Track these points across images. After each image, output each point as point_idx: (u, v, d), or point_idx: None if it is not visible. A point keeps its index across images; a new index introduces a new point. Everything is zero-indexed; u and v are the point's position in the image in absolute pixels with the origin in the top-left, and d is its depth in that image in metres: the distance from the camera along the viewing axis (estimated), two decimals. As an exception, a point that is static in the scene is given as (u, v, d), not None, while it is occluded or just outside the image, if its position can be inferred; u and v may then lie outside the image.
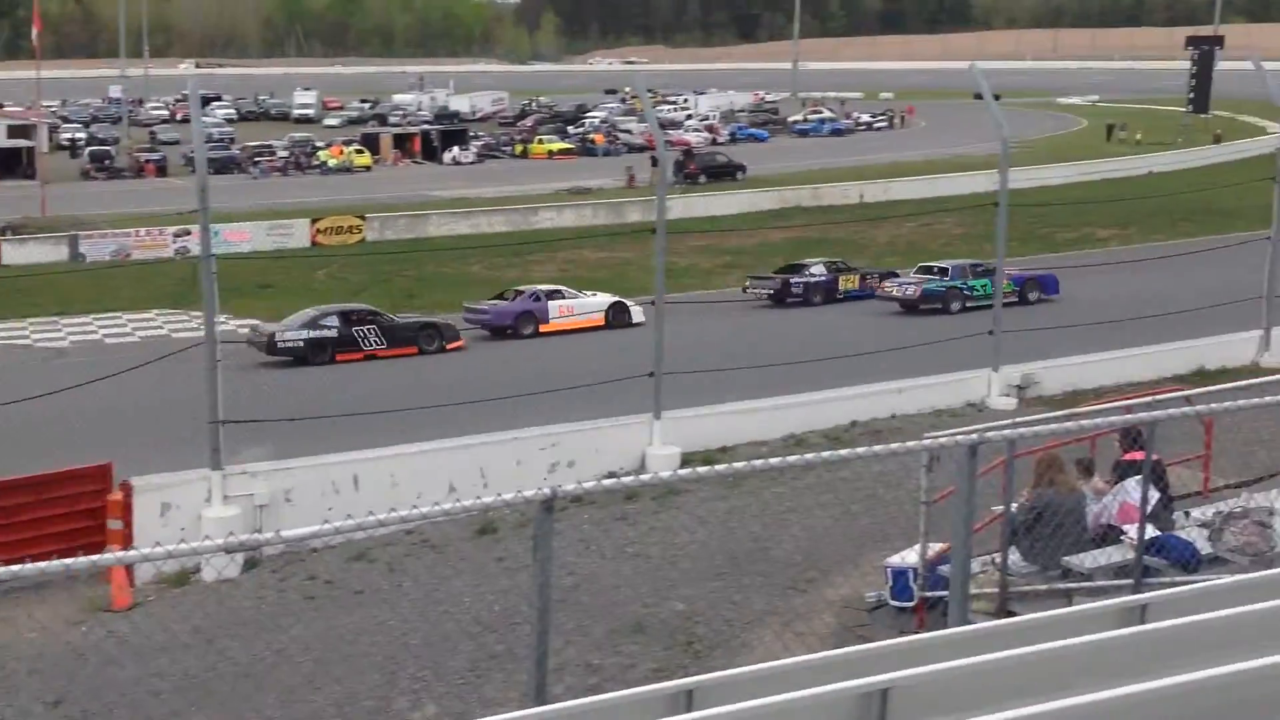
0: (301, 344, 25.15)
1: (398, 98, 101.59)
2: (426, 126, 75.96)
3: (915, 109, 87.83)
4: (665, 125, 77.61)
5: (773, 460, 5.96)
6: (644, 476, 5.69)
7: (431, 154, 68.38)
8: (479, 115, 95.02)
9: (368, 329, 25.59)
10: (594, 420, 16.77)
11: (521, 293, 28.19)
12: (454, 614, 11.13)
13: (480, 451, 15.48)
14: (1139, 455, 8.84)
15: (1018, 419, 12.00)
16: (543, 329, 27.26)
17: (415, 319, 26.94)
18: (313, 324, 25.54)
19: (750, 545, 12.03)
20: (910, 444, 6.83)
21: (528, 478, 14.68)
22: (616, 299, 27.72)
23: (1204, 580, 6.53)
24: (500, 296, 28.37)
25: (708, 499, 13.58)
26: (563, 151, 70.24)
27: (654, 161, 49.77)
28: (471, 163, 66.58)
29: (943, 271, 28.38)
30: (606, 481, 5.90)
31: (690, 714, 4.08)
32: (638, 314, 26.57)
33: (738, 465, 5.84)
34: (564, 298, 28.00)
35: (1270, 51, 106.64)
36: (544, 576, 5.40)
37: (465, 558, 12.71)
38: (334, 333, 25.42)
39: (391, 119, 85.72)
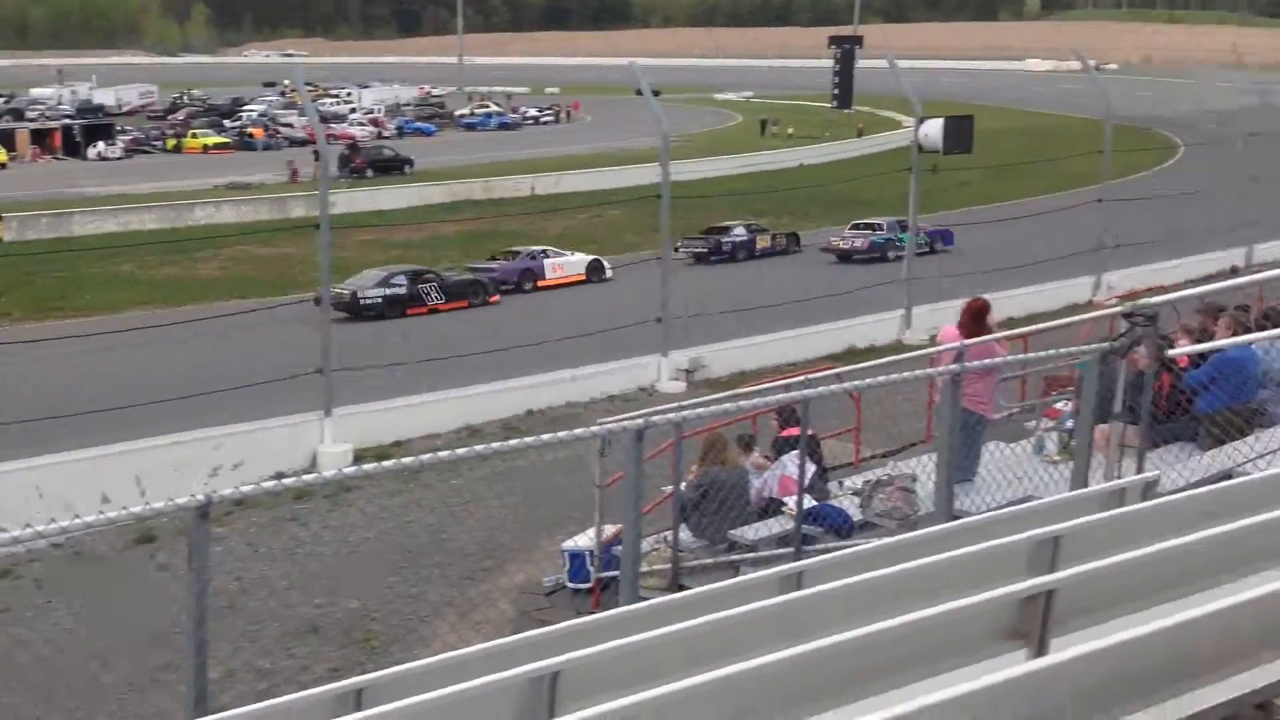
0: (380, 300, 27.34)
1: (35, 91, 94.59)
2: (68, 121, 71.12)
3: (581, 104, 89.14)
4: (329, 119, 75.61)
5: (447, 453, 5.85)
6: (308, 475, 5.45)
7: (74, 150, 64.02)
8: (126, 109, 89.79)
9: (430, 286, 28.34)
10: (260, 420, 16.13)
11: (519, 253, 31.43)
12: (112, 628, 10.46)
13: (137, 458, 14.60)
14: (795, 431, 9.21)
15: (684, 402, 12.33)
16: (540, 284, 30.33)
17: (463, 277, 29.58)
18: (385, 283, 27.93)
19: (427, 539, 11.89)
20: (579, 431, 6.86)
21: (189, 484, 13.97)
22: (594, 257, 31.50)
23: (856, 545, 6.85)
24: (497, 257, 31.28)
25: (382, 495, 13.32)
26: (219, 146, 67.30)
27: (316, 155, 48.55)
28: (119, 158, 62.72)
29: (878, 228, 32.96)
30: (267, 484, 5.63)
31: (358, 714, 3.93)
32: (609, 271, 30.64)
33: (411, 459, 5.71)
34: (555, 256, 31.62)
35: (905, 51, 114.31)
36: (200, 585, 5.11)
37: (123, 569, 11.95)
38: (404, 290, 27.87)
39: (29, 114, 79.76)
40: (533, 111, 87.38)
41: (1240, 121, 32.60)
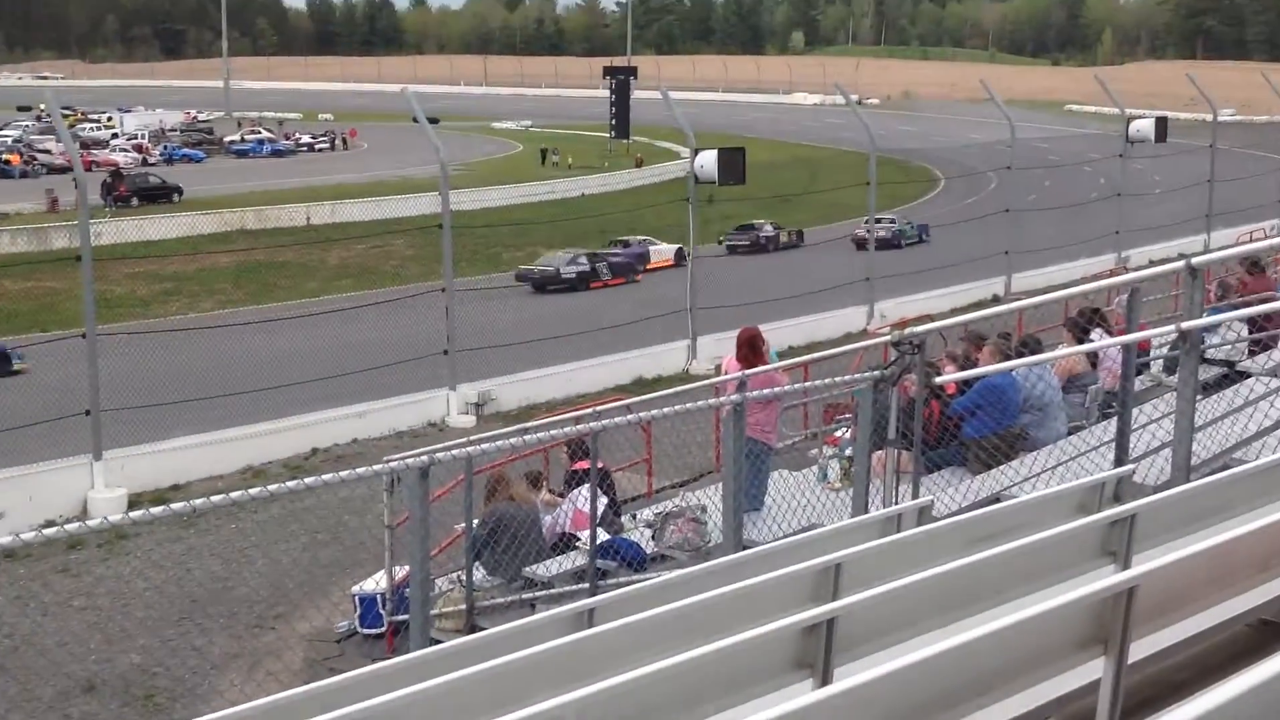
0: (574, 276, 33.16)
1: None
2: None
3: (358, 131, 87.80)
4: (89, 145, 72.33)
5: (230, 495, 5.69)
6: (78, 524, 5.20)
7: None
8: None
9: (602, 264, 34.53)
10: (25, 466, 15.33)
11: (629, 243, 38.57)
12: None
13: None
14: (586, 464, 9.33)
15: (474, 436, 12.31)
16: (647, 267, 36.56)
17: (618, 259, 35.89)
18: (573, 262, 33.93)
19: (212, 586, 11.50)
20: (362, 470, 6.78)
21: (-52, 537, 13.20)
22: (678, 245, 34.30)
23: (649, 578, 6.97)
24: (614, 244, 38.24)
25: (162, 541, 12.82)
26: (-30, 173, 63.70)
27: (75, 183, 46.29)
28: None
29: (892, 221, 39.22)
30: (26, 534, 5.31)
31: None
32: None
33: (192, 503, 5.54)
34: (656, 244, 38.20)
35: (677, 82, 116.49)
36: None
37: None
38: (588, 268, 33.84)
39: None
40: (307, 138, 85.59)
41: (995, 155, 34.54)
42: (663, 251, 37.61)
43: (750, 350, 10.18)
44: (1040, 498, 6.02)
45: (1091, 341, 9.84)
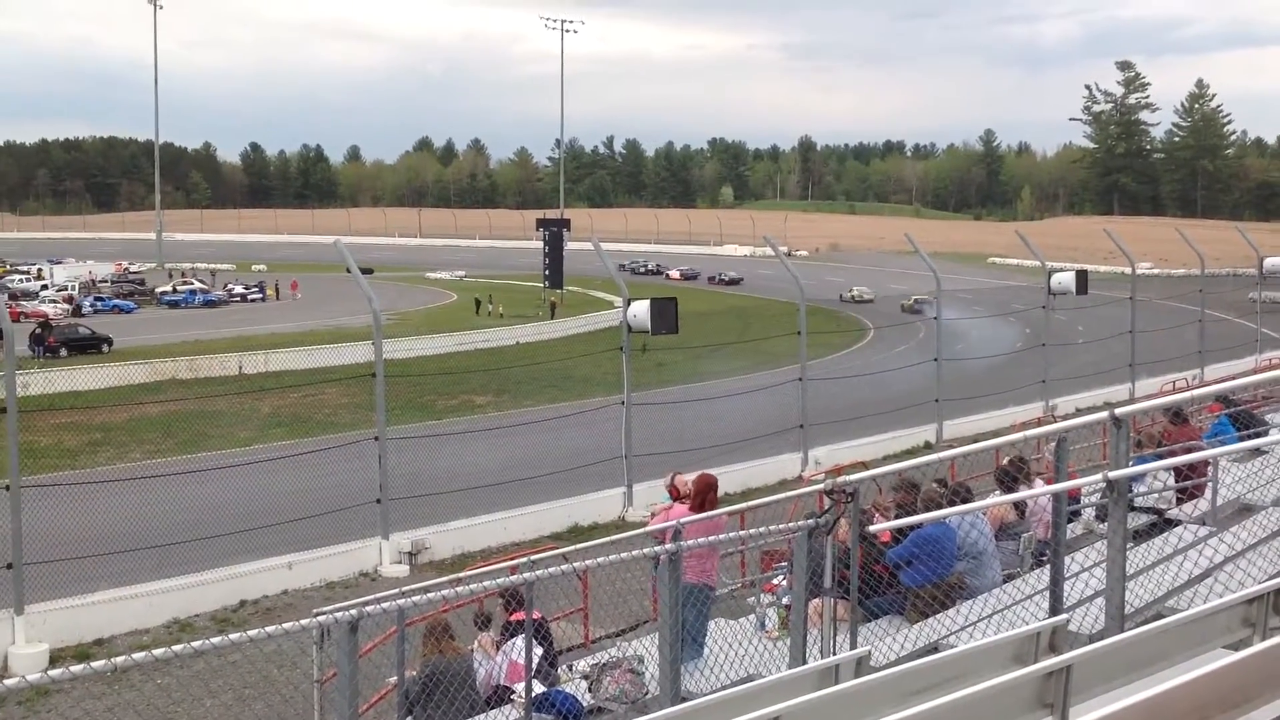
0: None
1: None
2: None
3: (299, 283, 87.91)
4: (18, 295, 71.99)
5: (154, 651, 5.56)
6: (2, 683, 5.07)
7: None
8: None
9: None
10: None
11: None
12: None
13: None
14: (521, 615, 9.22)
15: (406, 586, 12.15)
16: None
17: None
18: None
19: (134, 746, 11.12)
20: (288, 625, 6.63)
21: None
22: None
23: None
24: None
25: (84, 698, 12.43)
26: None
27: None
28: None
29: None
30: None
31: None
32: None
33: (114, 660, 5.40)
34: None
35: (609, 234, 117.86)
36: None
37: None
38: None
39: None
40: (240, 288, 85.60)
41: (922, 306, 35.24)
42: None
43: (707, 498, 10.25)
44: (977, 648, 6.04)
45: (1019, 491, 9.99)
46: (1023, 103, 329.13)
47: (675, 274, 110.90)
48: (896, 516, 9.59)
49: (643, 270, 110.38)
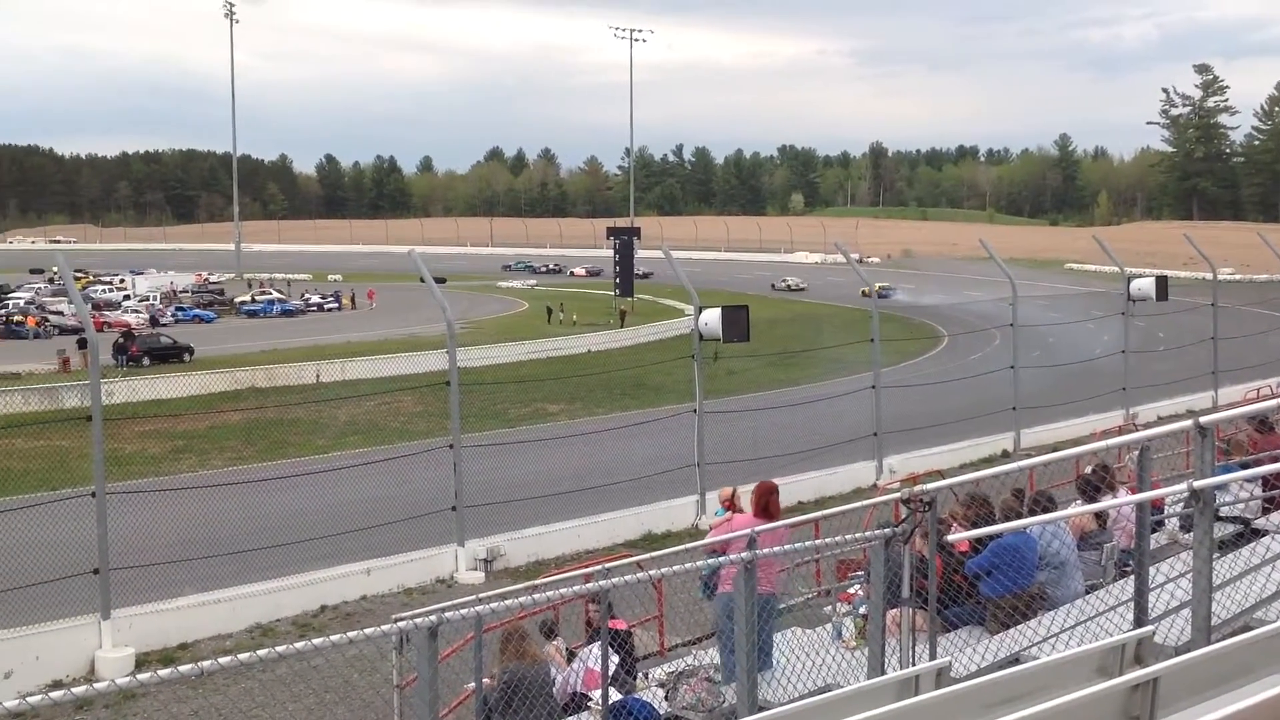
0: None
1: None
2: None
3: (375, 292, 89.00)
4: (101, 306, 73.54)
5: (239, 656, 5.68)
6: (82, 687, 5.17)
7: None
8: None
9: None
10: (32, 625, 15.21)
11: None
12: None
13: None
14: (617, 623, 9.22)
15: (483, 593, 12.25)
16: None
17: None
18: None
19: (219, 749, 11.32)
20: (369, 630, 6.73)
21: (-47, 699, 13.05)
22: None
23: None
24: None
25: (169, 702, 12.68)
26: (-16, 334, 64.55)
27: (81, 344, 46.86)
28: (-126, 348, 59.32)
29: None
30: (33, 698, 5.25)
31: None
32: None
33: (200, 664, 5.51)
34: None
35: (679, 242, 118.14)
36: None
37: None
38: None
39: None
40: (316, 298, 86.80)
41: (997, 312, 34.97)
42: None
43: (769, 501, 10.23)
44: (1060, 659, 5.98)
45: (1102, 500, 9.86)
46: (1099, 106, 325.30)
47: (580, 271, 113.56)
48: (972, 528, 9.50)
49: (543, 270, 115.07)
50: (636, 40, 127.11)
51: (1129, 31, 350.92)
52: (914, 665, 7.61)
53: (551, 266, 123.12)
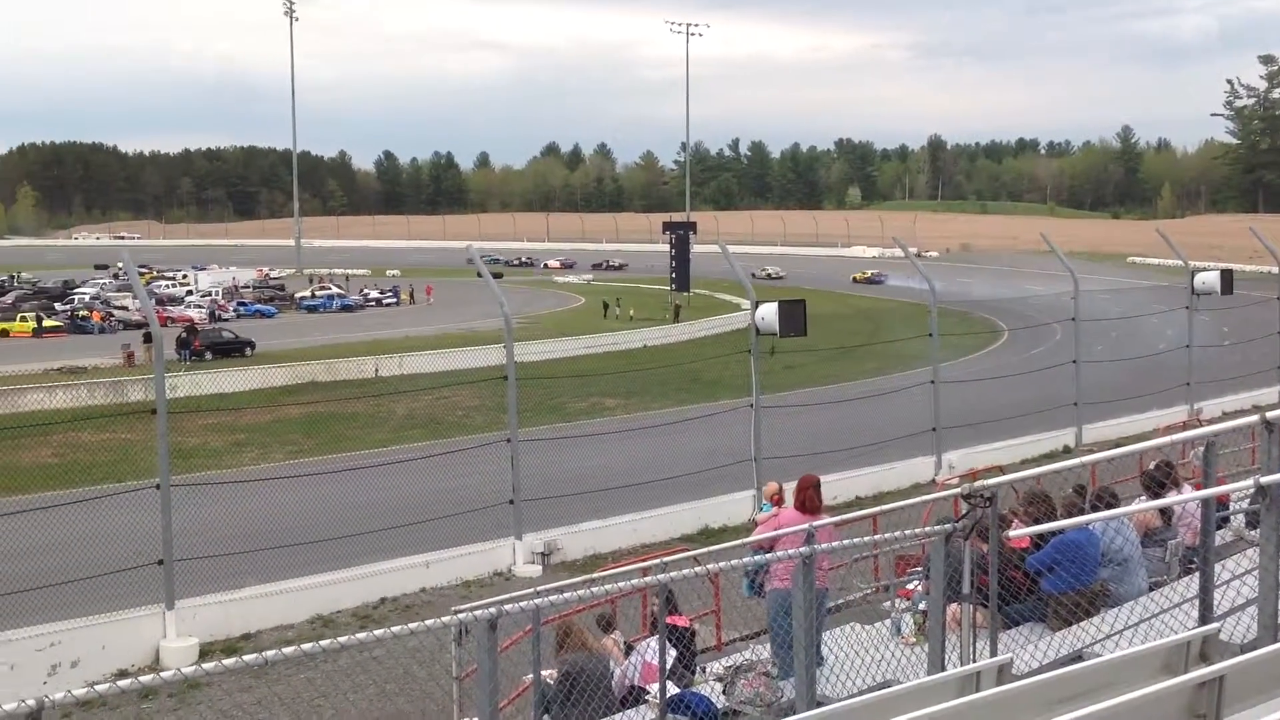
0: None
1: None
2: (-110, 307, 68.75)
3: (433, 288, 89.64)
4: (165, 301, 74.62)
5: (302, 646, 5.74)
6: (155, 675, 5.24)
7: (-108, 334, 61.64)
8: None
9: None
10: (98, 615, 15.48)
11: None
12: None
13: (-35, 659, 13.85)
14: (678, 620, 9.21)
15: (541, 586, 12.31)
16: None
17: None
18: None
19: (281, 739, 11.46)
20: (430, 622, 6.78)
21: (23, 684, 13.33)
22: None
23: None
24: None
25: (232, 691, 12.85)
26: (51, 329, 65.65)
27: (145, 338, 47.61)
28: (-57, 342, 60.62)
29: None
30: (101, 687, 5.36)
31: None
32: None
33: (264, 654, 5.59)
34: None
35: (735, 236, 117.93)
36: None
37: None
38: None
39: None
40: (375, 293, 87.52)
41: (1058, 306, 34.58)
42: None
43: (814, 493, 10.21)
44: (1124, 657, 5.92)
45: (1166, 497, 9.73)
46: (1161, 98, 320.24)
47: (554, 263, 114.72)
48: (1036, 521, 9.41)
49: (516, 263, 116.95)
50: (693, 35, 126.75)
51: (1186, 23, 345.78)
52: (974, 662, 7.56)
53: (524, 260, 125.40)
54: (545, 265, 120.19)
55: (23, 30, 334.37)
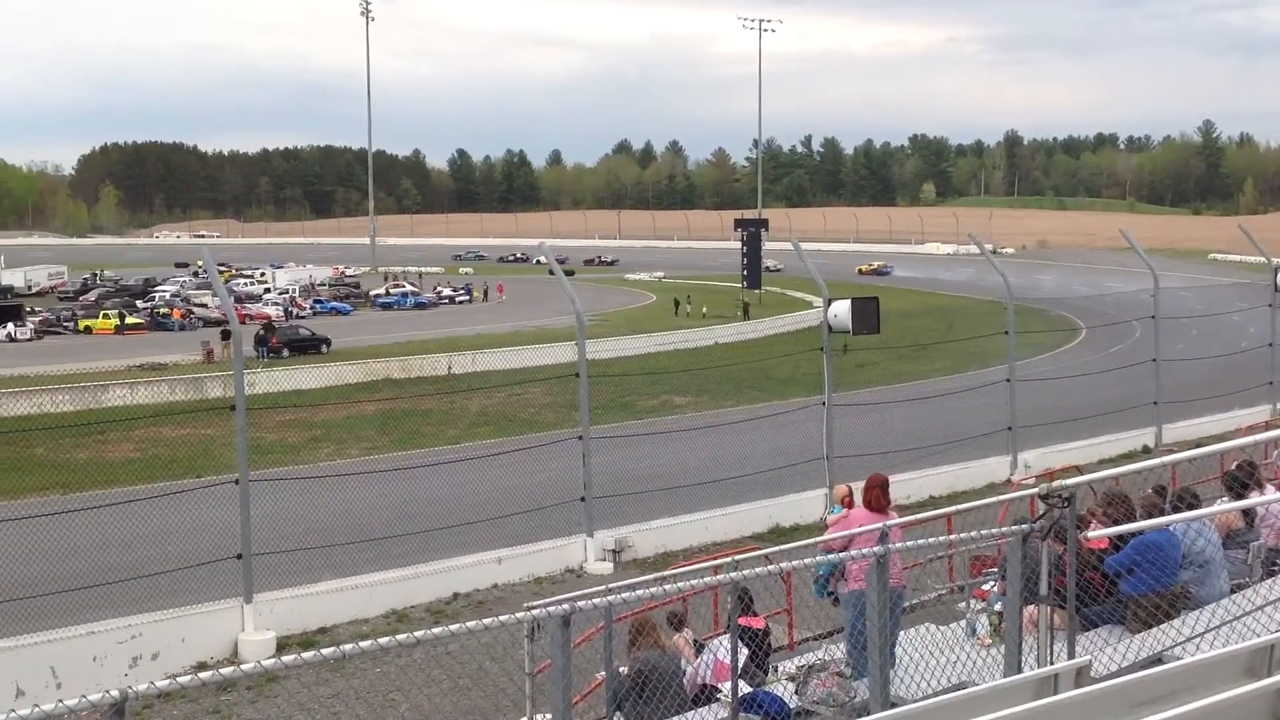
0: None
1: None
2: (-26, 302, 70.43)
3: (504, 285, 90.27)
4: (243, 299, 75.79)
5: (376, 640, 5.79)
6: (229, 668, 5.31)
7: (-19, 331, 63.04)
8: (35, 290, 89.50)
9: None
10: (179, 608, 15.77)
11: None
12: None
13: (51, 649, 14.14)
14: (751, 621, 9.18)
15: (613, 583, 12.33)
16: None
17: None
18: None
19: (357, 731, 11.61)
20: (504, 618, 6.80)
21: (106, 675, 13.61)
22: None
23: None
24: None
25: (309, 684, 13.02)
26: (132, 326, 66.98)
27: (224, 335, 48.42)
28: (29, 339, 61.90)
29: None
30: (183, 679, 5.41)
31: None
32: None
33: (341, 647, 5.64)
34: None
35: (807, 234, 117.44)
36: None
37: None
38: None
39: (-67, 295, 78.99)
40: (448, 291, 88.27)
41: (1137, 304, 34.00)
42: None
43: (881, 492, 10.15)
44: (1205, 660, 5.82)
45: (1248, 498, 9.54)
46: (1244, 91, 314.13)
47: (543, 260, 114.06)
48: (1115, 523, 9.27)
49: (510, 259, 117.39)
50: (766, 30, 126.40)
51: (1270, 15, 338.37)
52: (1052, 664, 7.46)
53: (519, 255, 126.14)
54: (538, 261, 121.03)
55: (109, 28, 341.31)
